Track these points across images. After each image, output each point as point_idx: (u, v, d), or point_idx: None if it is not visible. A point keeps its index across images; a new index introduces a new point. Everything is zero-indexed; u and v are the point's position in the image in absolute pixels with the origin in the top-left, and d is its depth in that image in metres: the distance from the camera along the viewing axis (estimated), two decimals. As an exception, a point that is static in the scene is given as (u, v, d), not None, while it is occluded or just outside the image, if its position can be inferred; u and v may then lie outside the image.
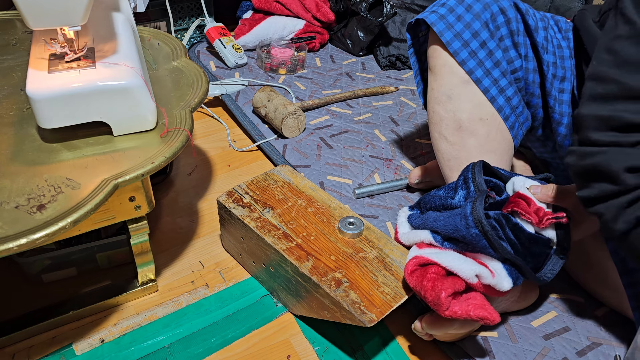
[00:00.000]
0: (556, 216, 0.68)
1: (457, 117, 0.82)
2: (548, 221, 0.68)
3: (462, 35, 0.79)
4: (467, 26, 0.79)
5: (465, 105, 0.81)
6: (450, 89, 0.81)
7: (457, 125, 0.82)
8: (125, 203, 0.71)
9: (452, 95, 0.82)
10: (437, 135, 0.85)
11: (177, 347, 0.76)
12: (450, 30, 0.79)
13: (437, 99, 0.84)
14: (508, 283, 0.69)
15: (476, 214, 0.67)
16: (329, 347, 0.78)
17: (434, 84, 0.84)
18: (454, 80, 0.81)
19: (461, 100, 0.81)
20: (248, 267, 0.88)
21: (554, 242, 0.70)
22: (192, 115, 0.78)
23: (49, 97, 0.66)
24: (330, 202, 0.86)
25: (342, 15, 1.59)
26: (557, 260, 0.71)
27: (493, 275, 0.68)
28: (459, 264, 0.68)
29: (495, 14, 0.79)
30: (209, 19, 1.48)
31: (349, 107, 1.32)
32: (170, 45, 0.94)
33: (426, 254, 0.71)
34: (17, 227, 0.58)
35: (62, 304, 0.79)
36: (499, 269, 0.69)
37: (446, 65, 0.81)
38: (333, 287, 0.72)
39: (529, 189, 0.71)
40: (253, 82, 1.37)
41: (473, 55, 0.79)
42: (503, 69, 0.81)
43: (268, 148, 1.16)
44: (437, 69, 0.83)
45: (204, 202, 1.03)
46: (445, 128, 0.83)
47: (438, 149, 0.86)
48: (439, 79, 0.82)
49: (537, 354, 0.76)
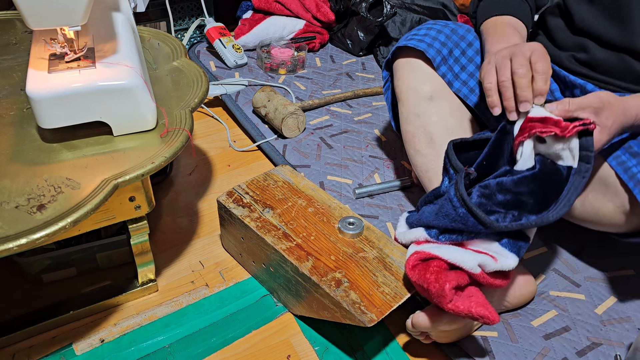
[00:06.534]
0: (583, 122, 0.65)
1: (427, 130, 0.89)
2: (575, 128, 0.65)
3: (433, 45, 0.89)
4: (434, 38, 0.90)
5: (432, 118, 0.89)
6: (417, 107, 0.90)
7: (428, 138, 0.89)
8: (125, 203, 0.71)
9: (420, 113, 0.89)
10: (412, 152, 0.91)
11: (177, 347, 0.76)
12: (422, 43, 0.89)
13: (407, 119, 0.91)
14: (513, 259, 0.69)
15: (459, 194, 0.69)
16: (329, 347, 0.78)
17: (402, 108, 0.92)
18: (418, 99, 0.89)
19: (428, 114, 0.89)
20: (248, 267, 0.88)
21: (575, 154, 0.67)
22: (192, 115, 0.78)
23: (49, 97, 0.66)
24: (330, 202, 0.86)
25: (342, 15, 1.59)
26: (579, 182, 0.67)
27: (495, 259, 0.68)
28: (461, 255, 0.68)
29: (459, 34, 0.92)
30: (209, 19, 1.48)
31: (349, 107, 1.32)
32: (170, 45, 0.94)
33: (427, 248, 0.71)
34: (17, 227, 0.58)
35: (62, 304, 0.79)
36: (499, 250, 0.69)
37: (410, 89, 0.90)
38: (333, 287, 0.72)
39: (545, 107, 0.68)
40: (253, 82, 1.37)
41: (439, 53, 0.89)
42: (461, 65, 0.91)
43: (268, 148, 1.16)
44: (402, 94, 0.91)
45: (204, 202, 1.03)
46: (419, 143, 0.90)
47: (415, 163, 0.92)
48: (406, 102, 0.91)
49: (537, 354, 0.76)
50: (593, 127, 0.66)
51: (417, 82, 0.90)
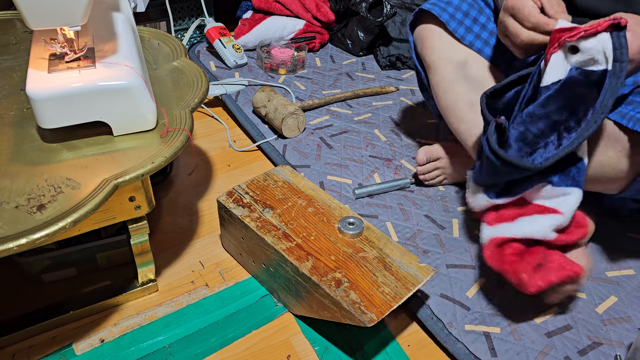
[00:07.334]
0: (613, 17, 0.64)
1: (468, 97, 0.90)
2: (606, 23, 0.64)
3: (455, 16, 0.90)
4: (456, 7, 0.91)
5: (471, 83, 0.90)
6: (454, 74, 0.90)
7: (469, 103, 0.90)
8: (125, 203, 0.71)
9: (457, 79, 0.90)
10: (454, 119, 0.92)
11: (177, 347, 0.76)
12: (444, 12, 0.90)
13: (444, 88, 0.92)
14: (577, 193, 0.70)
15: (491, 148, 0.70)
16: (329, 347, 0.78)
17: (436, 77, 0.92)
18: (452, 67, 0.90)
19: (466, 80, 0.90)
20: (248, 267, 0.88)
21: (608, 54, 0.65)
22: (192, 115, 0.78)
23: (49, 97, 0.66)
24: (330, 202, 0.86)
25: (342, 15, 1.59)
26: (615, 84, 0.66)
27: (561, 213, 0.69)
28: (530, 227, 0.70)
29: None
30: (209, 19, 1.48)
31: (349, 107, 1.32)
32: (170, 45, 0.94)
33: (499, 232, 0.73)
34: (17, 227, 0.58)
35: (62, 304, 0.79)
36: (559, 196, 0.70)
37: (441, 58, 0.90)
38: (333, 287, 0.72)
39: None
40: (253, 82, 1.37)
41: (461, 24, 0.91)
42: (489, 31, 0.92)
43: (268, 148, 1.16)
44: (434, 63, 0.92)
45: (204, 202, 1.03)
46: (460, 110, 0.91)
47: (459, 131, 0.92)
48: (440, 72, 0.91)
49: (539, 352, 0.76)
50: (625, 22, 0.63)
51: (448, 50, 0.91)
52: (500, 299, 0.83)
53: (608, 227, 0.96)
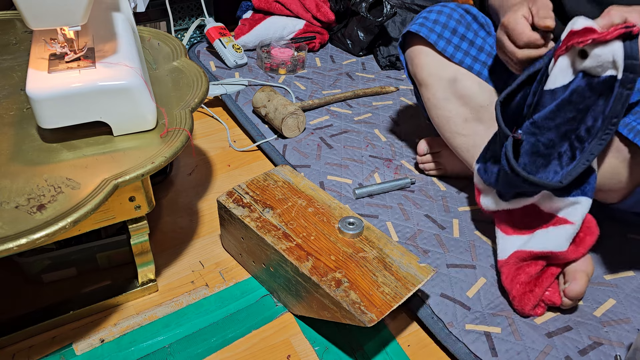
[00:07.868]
0: (625, 25, 0.63)
1: (460, 111, 0.92)
2: (617, 31, 0.62)
3: (443, 35, 0.91)
4: (444, 26, 0.92)
5: (462, 99, 0.91)
6: (444, 91, 0.92)
7: (463, 118, 0.92)
8: (125, 203, 0.71)
9: (447, 96, 0.92)
10: (449, 135, 0.94)
11: (177, 347, 0.76)
12: (432, 32, 0.91)
13: (436, 105, 0.94)
14: (585, 202, 0.72)
15: (510, 165, 0.73)
16: (329, 347, 0.78)
17: (428, 94, 0.94)
18: (442, 83, 0.91)
19: (457, 96, 0.91)
20: (248, 267, 0.88)
21: (619, 63, 0.64)
22: (192, 115, 0.78)
23: (49, 97, 0.66)
24: (330, 202, 0.86)
25: (342, 15, 1.59)
26: (623, 94, 0.65)
27: (572, 222, 0.72)
28: (546, 242, 0.75)
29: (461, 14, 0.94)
30: (209, 19, 1.48)
31: (349, 107, 1.32)
32: (170, 45, 0.94)
33: (519, 247, 0.79)
34: (17, 227, 0.58)
35: (62, 304, 0.79)
36: (569, 206, 0.73)
37: (431, 75, 0.92)
38: (333, 287, 0.72)
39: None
40: (253, 82, 1.37)
41: (449, 43, 0.92)
42: (477, 47, 0.93)
43: (268, 148, 1.16)
44: (425, 80, 0.94)
45: (204, 202, 1.03)
46: (454, 125, 0.92)
47: (455, 145, 0.94)
48: (431, 88, 0.93)
49: (540, 352, 0.76)
50: (637, 29, 0.62)
51: (437, 68, 0.92)
52: (501, 299, 0.83)
53: (608, 228, 0.96)
